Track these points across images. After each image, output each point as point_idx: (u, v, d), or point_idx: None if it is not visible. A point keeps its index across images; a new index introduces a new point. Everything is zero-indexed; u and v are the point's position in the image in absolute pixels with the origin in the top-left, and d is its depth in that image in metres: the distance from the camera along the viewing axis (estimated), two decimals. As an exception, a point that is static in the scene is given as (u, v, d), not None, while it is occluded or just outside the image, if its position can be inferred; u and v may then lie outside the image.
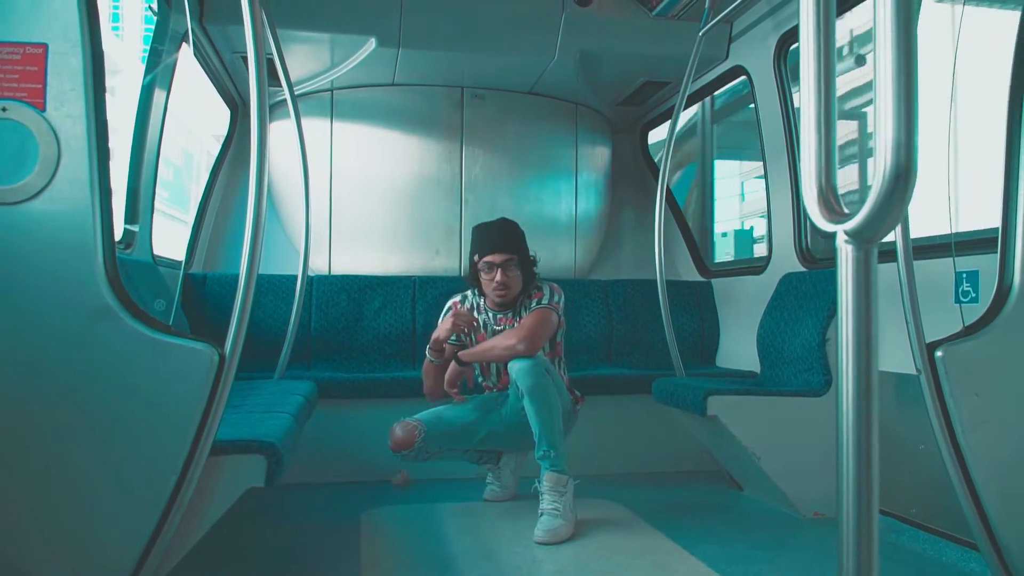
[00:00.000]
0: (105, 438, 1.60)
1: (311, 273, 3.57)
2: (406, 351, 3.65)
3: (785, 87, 3.31)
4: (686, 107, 3.46)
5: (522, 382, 2.47)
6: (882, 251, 1.14)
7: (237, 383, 1.95)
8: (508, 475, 2.92)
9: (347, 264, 3.91)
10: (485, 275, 2.69)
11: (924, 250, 2.35)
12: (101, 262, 1.56)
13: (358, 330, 3.64)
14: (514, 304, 2.76)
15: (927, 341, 1.85)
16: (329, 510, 2.81)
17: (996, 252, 1.88)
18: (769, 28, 3.28)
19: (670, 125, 3.35)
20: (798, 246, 3.34)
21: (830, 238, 0.93)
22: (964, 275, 2.26)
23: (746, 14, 3.36)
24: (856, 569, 0.92)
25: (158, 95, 3.14)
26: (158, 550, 1.60)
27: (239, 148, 4.07)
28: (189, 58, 3.31)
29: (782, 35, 3.22)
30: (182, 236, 3.94)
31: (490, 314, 2.81)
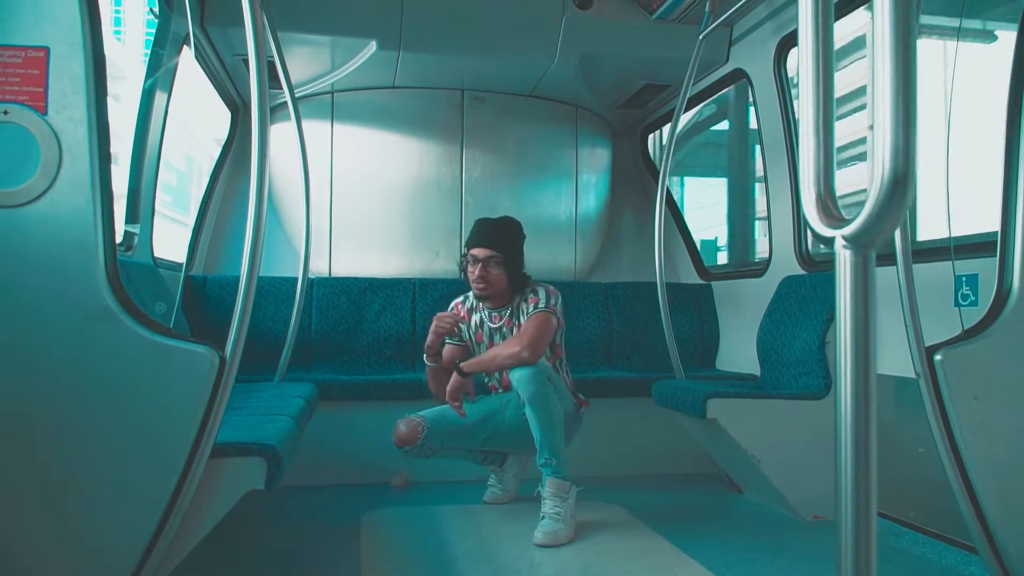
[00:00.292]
0: (106, 440, 1.60)
1: (311, 275, 3.57)
2: (406, 353, 3.66)
3: (785, 90, 3.31)
4: (686, 110, 3.46)
5: (523, 391, 2.48)
6: (882, 254, 1.15)
7: (238, 385, 1.95)
8: (510, 478, 2.92)
9: (347, 266, 3.91)
10: (470, 267, 2.74)
11: (924, 253, 2.36)
12: (102, 265, 1.56)
13: (358, 332, 3.64)
14: (503, 302, 2.77)
15: (926, 344, 1.85)
16: (329, 512, 2.81)
17: (995, 256, 1.89)
18: (769, 32, 3.29)
19: (670, 128, 3.36)
20: (798, 249, 3.34)
21: (829, 243, 0.93)
22: (964, 279, 2.26)
23: (746, 17, 3.36)
24: (855, 572, 0.93)
25: (159, 97, 3.14)
26: (159, 552, 1.61)
27: (240, 150, 4.08)
28: (190, 60, 3.31)
29: (782, 39, 3.22)
30: (184, 239, 3.94)
31: (486, 312, 2.82)
